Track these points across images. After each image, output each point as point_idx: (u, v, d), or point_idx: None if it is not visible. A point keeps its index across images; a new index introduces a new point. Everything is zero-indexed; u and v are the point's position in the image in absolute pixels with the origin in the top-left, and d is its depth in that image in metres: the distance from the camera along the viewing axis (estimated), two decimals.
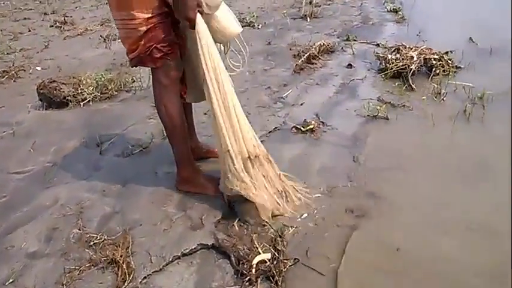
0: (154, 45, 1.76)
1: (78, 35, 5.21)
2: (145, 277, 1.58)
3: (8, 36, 5.39)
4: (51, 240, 1.78)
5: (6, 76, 3.91)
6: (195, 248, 1.71)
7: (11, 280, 1.58)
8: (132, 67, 1.89)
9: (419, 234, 1.73)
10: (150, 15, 1.72)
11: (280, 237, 1.74)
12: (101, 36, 4.86)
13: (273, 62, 3.78)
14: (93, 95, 3.24)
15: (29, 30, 5.64)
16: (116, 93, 3.33)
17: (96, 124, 2.81)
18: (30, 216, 1.93)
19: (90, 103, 3.19)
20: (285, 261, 1.63)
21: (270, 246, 1.70)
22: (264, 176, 1.86)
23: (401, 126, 2.57)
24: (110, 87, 3.34)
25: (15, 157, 2.48)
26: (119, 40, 4.73)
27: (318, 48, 3.80)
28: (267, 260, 1.64)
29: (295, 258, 1.64)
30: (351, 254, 1.64)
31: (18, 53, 4.60)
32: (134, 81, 3.47)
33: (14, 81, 3.88)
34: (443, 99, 2.80)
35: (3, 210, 2.00)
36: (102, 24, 5.59)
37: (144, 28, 1.74)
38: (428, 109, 2.70)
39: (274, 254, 1.65)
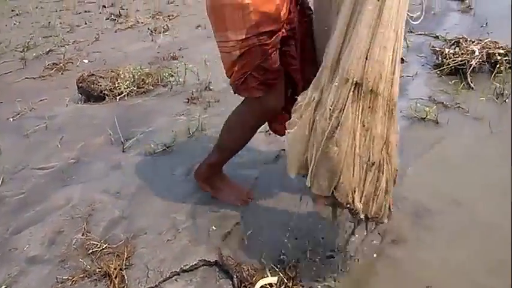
0: (250, 72, 1.46)
1: (129, 27, 5.24)
2: None
3: (66, 28, 5.56)
4: (53, 245, 1.71)
5: (55, 68, 3.99)
6: (196, 264, 1.56)
7: (4, 286, 1.52)
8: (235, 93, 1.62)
9: (459, 271, 1.45)
10: (243, 36, 1.41)
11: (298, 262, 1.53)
12: (148, 29, 4.85)
13: None
14: (129, 89, 3.20)
15: (85, 23, 5.78)
16: (152, 87, 3.26)
17: (126, 120, 2.74)
18: (41, 217, 1.89)
19: (126, 98, 3.14)
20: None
21: (279, 268, 1.51)
22: (363, 125, 1.16)
23: (452, 131, 2.25)
24: (147, 82, 3.29)
25: (42, 152, 2.47)
26: (166, 33, 4.78)
27: None
28: (273, 284, 1.45)
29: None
30: None
31: (70, 45, 4.70)
32: (172, 76, 3.39)
33: (62, 73, 3.95)
34: (505, 101, 2.42)
35: (17, 208, 1.97)
36: (153, 17, 5.60)
37: (237, 52, 1.44)
38: (487, 113, 2.34)
39: (282, 278, 1.46)
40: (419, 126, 2.33)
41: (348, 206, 1.22)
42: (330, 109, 1.15)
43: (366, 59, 1.10)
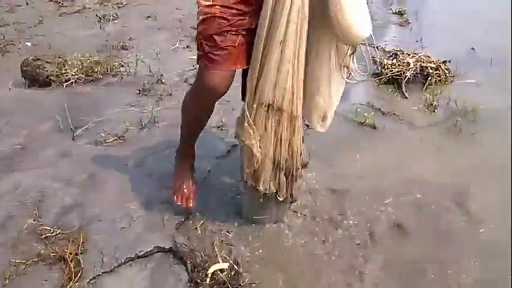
0: (203, 40, 1.46)
1: (75, 12, 5.07)
2: (93, 277, 1.51)
3: (5, 7, 5.27)
4: (3, 228, 1.70)
5: None
6: (150, 251, 1.63)
7: None
8: None
9: None
10: (208, 2, 1.42)
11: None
12: (96, 15, 4.73)
13: None
14: (77, 76, 3.14)
15: (27, 4, 5.49)
16: (101, 76, 3.23)
17: (74, 108, 2.70)
18: None
19: (73, 85, 3.09)
20: (245, 274, 1.55)
21: (229, 255, 1.62)
22: (275, 134, 1.54)
23: (387, 136, 2.47)
24: (96, 70, 3.24)
25: None
26: (115, 21, 4.70)
27: None
28: (224, 270, 1.56)
29: None
30: None
31: (11, 26, 4.48)
32: (122, 66, 3.37)
33: (2, 55, 3.78)
34: (434, 110, 2.70)
35: None
36: (101, 3, 5.45)
37: (200, 17, 1.45)
38: (418, 121, 2.60)
39: (232, 264, 1.57)
40: (358, 129, 2.54)
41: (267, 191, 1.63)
42: (251, 125, 1.53)
43: (274, 87, 1.47)
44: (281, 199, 1.65)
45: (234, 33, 1.45)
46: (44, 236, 1.65)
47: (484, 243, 1.70)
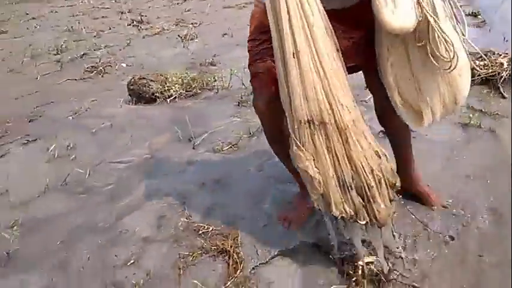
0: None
1: (156, 34, 5.44)
2: (253, 268, 1.65)
3: (91, 33, 5.72)
4: (160, 227, 1.89)
5: (95, 71, 4.17)
6: (297, 245, 1.75)
7: (132, 261, 1.70)
8: None
9: None
10: (249, 37, 1.62)
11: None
12: (178, 35, 5.04)
13: None
14: (179, 92, 3.39)
15: (109, 28, 5.96)
16: (200, 91, 3.46)
17: (184, 120, 2.91)
18: (137, 205, 2.06)
19: (176, 100, 3.33)
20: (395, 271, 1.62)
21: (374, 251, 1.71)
22: (328, 150, 1.40)
23: (497, 136, 2.49)
24: (193, 86, 3.48)
25: (114, 148, 2.65)
26: (196, 40, 4.98)
27: None
28: (374, 263, 1.65)
29: None
30: None
31: (103, 49, 4.87)
32: (216, 80, 3.59)
33: (102, 76, 4.12)
34: None
35: (111, 198, 2.15)
36: (177, 24, 5.80)
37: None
38: None
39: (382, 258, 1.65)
40: (464, 130, 2.57)
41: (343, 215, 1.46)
42: (299, 146, 1.42)
43: (306, 100, 1.36)
44: (362, 223, 1.46)
45: (260, 61, 1.58)
46: (200, 232, 1.82)
47: None
